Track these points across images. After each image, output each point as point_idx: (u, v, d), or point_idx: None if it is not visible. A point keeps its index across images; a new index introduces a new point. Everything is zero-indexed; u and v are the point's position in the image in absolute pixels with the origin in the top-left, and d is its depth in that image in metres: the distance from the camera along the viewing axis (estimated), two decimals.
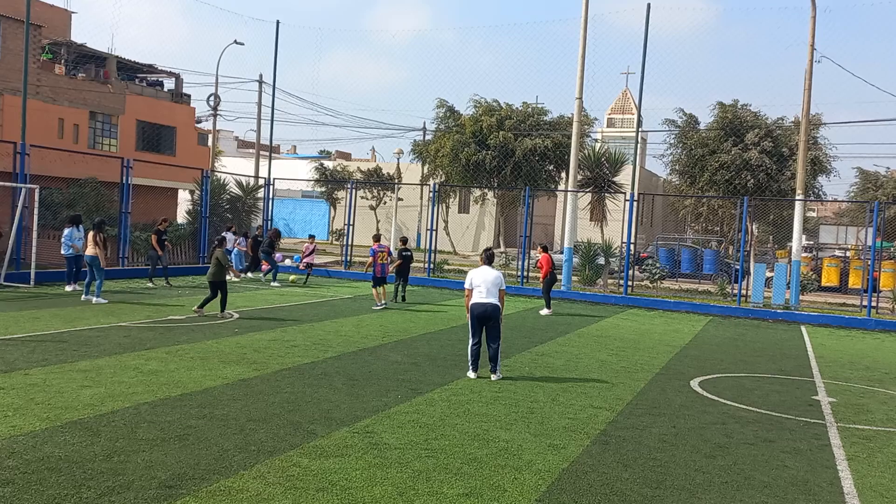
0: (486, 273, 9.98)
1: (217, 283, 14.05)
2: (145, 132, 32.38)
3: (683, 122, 35.56)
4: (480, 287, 9.88)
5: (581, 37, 23.92)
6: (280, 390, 8.46)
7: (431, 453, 6.51)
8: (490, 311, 9.83)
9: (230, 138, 70.12)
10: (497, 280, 9.94)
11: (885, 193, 45.63)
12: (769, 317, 20.31)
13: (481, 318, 9.88)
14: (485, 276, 9.94)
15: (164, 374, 8.93)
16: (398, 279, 18.95)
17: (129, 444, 6.22)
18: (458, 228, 50.39)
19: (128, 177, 20.94)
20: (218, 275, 14.01)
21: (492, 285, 9.88)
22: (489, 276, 9.94)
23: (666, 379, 10.66)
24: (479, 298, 9.86)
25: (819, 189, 35.28)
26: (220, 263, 14.05)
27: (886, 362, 13.70)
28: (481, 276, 9.94)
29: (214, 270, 14.04)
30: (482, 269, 10.07)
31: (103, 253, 15.44)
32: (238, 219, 27.59)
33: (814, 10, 22.38)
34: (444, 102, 43.41)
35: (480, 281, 9.91)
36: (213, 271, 14.06)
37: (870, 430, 8.40)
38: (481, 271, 10.04)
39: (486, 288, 9.86)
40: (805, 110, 22.95)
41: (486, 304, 9.82)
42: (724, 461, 6.88)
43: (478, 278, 9.94)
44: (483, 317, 9.86)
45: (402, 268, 18.99)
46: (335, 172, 51.18)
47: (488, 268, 10.10)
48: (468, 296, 10.03)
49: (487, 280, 9.90)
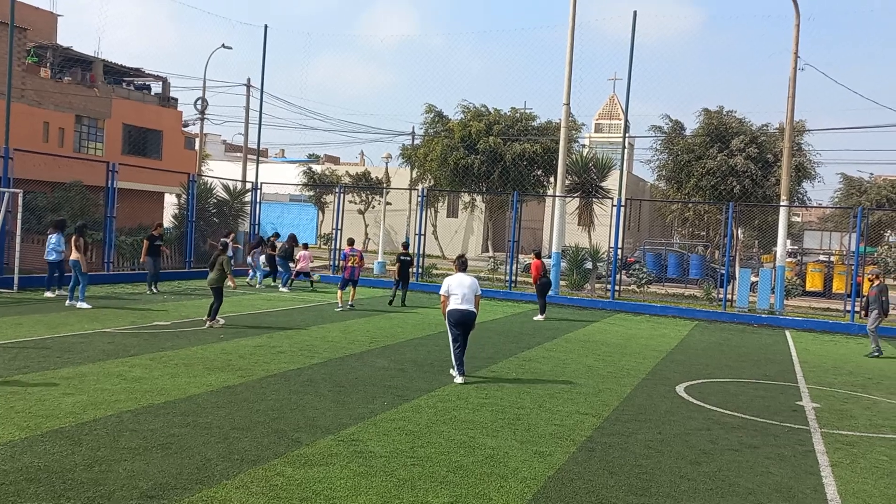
0: (464, 280, 10.22)
1: (218, 290, 13.87)
2: (132, 136, 32.20)
3: (669, 128, 35.74)
4: (458, 294, 10.08)
5: (568, 43, 24.01)
6: (265, 397, 8.41)
7: (417, 461, 6.49)
8: (469, 317, 10.08)
9: (218, 142, 69.83)
10: (474, 286, 10.23)
11: (868, 199, 46.05)
12: (754, 321, 20.42)
13: (461, 324, 10.08)
14: (462, 282, 10.17)
15: (148, 381, 8.86)
16: (398, 283, 19.36)
17: (110, 454, 6.16)
18: (446, 233, 50.39)
19: (113, 181, 20.80)
20: (219, 280, 13.81)
21: (469, 291, 10.13)
22: (467, 282, 10.19)
23: (652, 384, 10.69)
24: (457, 305, 10.06)
25: (804, 195, 35.56)
26: (223, 270, 13.83)
27: (869, 367, 13.79)
28: (459, 283, 10.16)
29: (216, 276, 13.80)
30: (459, 276, 10.32)
31: (84, 257, 15.30)
32: (225, 223, 27.46)
33: (797, 18, 22.58)
34: (432, 107, 43.47)
35: (458, 288, 10.12)
36: (214, 277, 13.81)
37: (853, 436, 8.45)
38: (458, 278, 10.28)
39: (464, 294, 10.08)
40: (789, 117, 23.12)
41: (466, 310, 10.05)
42: (709, 467, 6.90)
43: (455, 285, 10.16)
44: (463, 322, 10.07)
45: (403, 272, 19.38)
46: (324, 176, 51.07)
47: (464, 274, 10.38)
48: (444, 302, 10.24)
49: (465, 286, 10.14)
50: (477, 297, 10.23)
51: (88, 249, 15.88)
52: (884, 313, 15.34)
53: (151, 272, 18.67)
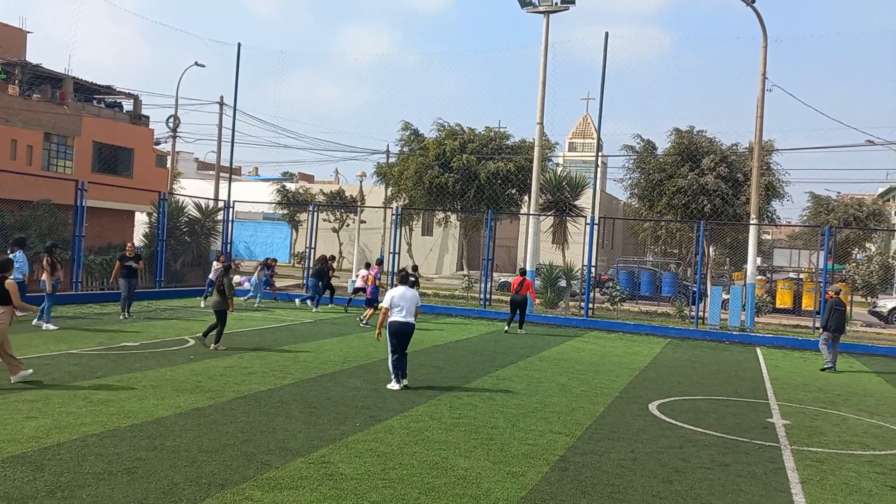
0: (406, 293, 10.75)
1: (219, 313, 13.52)
2: (102, 154, 31.84)
3: (641, 147, 36.17)
4: (401, 307, 10.63)
5: (542, 63, 24.25)
6: (235, 419, 8.28)
7: (389, 483, 6.42)
8: (409, 329, 10.67)
9: (190, 160, 69.32)
10: (415, 299, 10.83)
11: (836, 217, 46.89)
12: (725, 339, 20.61)
13: (400, 335, 10.61)
14: (405, 295, 10.72)
15: (115, 403, 8.69)
16: None
17: (74, 479, 6.02)
18: (421, 251, 50.34)
19: (82, 199, 20.51)
20: (222, 304, 13.58)
21: (411, 304, 10.72)
22: (408, 295, 10.75)
23: (625, 402, 10.72)
24: (399, 317, 10.63)
25: (773, 213, 36.08)
26: (225, 293, 13.60)
27: (838, 384, 13.96)
28: (401, 296, 10.70)
29: (220, 299, 13.57)
30: (401, 290, 10.80)
31: (51, 278, 15.01)
32: (197, 242, 27.18)
33: (765, 40, 23.03)
34: (409, 125, 43.54)
35: (401, 300, 10.67)
36: (217, 300, 13.55)
37: (823, 453, 8.52)
38: (401, 291, 10.77)
39: (406, 308, 10.64)
40: (758, 136, 23.51)
41: (407, 322, 10.65)
42: (681, 486, 6.91)
43: (398, 298, 10.70)
44: (402, 334, 10.62)
45: None
46: (297, 195, 50.85)
47: (406, 288, 10.85)
48: (385, 313, 10.75)
49: (407, 299, 10.70)
50: (417, 308, 10.83)
51: (58, 269, 15.56)
52: (833, 330, 15.62)
53: (124, 294, 17.53)
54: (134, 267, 17.68)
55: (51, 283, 15.02)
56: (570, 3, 23.75)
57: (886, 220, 52.20)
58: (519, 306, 19.11)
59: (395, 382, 10.64)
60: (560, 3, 23.78)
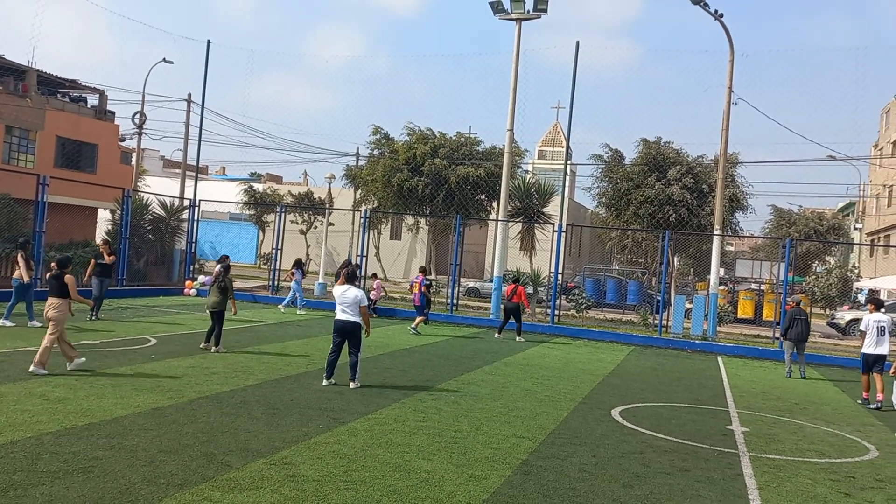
0: (347, 291, 10.75)
1: (218, 314, 13.20)
2: (65, 149, 31.26)
3: (609, 156, 36.54)
4: (343, 306, 10.70)
5: (513, 70, 24.40)
6: (195, 420, 8.17)
7: (351, 485, 6.38)
8: (349, 327, 10.69)
9: (156, 157, 68.34)
10: (356, 299, 10.73)
11: (797, 230, 47.83)
12: (688, 347, 20.88)
13: (341, 333, 10.73)
14: (346, 293, 10.72)
15: (73, 401, 8.51)
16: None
17: (27, 478, 5.88)
18: (389, 255, 50.24)
19: (43, 194, 20.09)
20: (221, 304, 13.30)
21: (352, 303, 10.68)
22: (349, 294, 10.72)
23: (588, 408, 10.79)
24: (340, 315, 10.75)
25: (736, 225, 36.67)
26: (227, 293, 13.32)
27: (796, 392, 14.23)
28: (342, 294, 10.74)
29: (219, 300, 13.22)
30: (343, 288, 10.82)
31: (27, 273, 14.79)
32: (160, 241, 26.79)
33: (732, 54, 23.45)
34: (379, 129, 43.46)
35: (340, 298, 10.75)
36: (217, 300, 13.18)
37: (780, 460, 8.67)
38: (342, 290, 10.80)
39: (345, 305, 10.69)
40: (723, 149, 23.91)
41: (346, 321, 10.69)
42: (641, 491, 6.97)
43: (338, 296, 10.78)
44: (342, 330, 10.72)
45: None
46: (265, 195, 50.41)
47: (349, 286, 10.83)
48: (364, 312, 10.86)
49: (348, 299, 10.71)
50: (362, 308, 10.74)
51: (31, 267, 15.26)
52: (796, 339, 16.24)
53: (96, 293, 16.88)
54: (107, 263, 17.26)
55: (29, 279, 14.75)
56: (543, 11, 23.94)
57: (846, 234, 53.35)
58: (512, 313, 19.44)
59: (325, 379, 10.79)
60: (532, 11, 23.96)
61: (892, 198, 46.24)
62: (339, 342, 10.80)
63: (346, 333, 10.71)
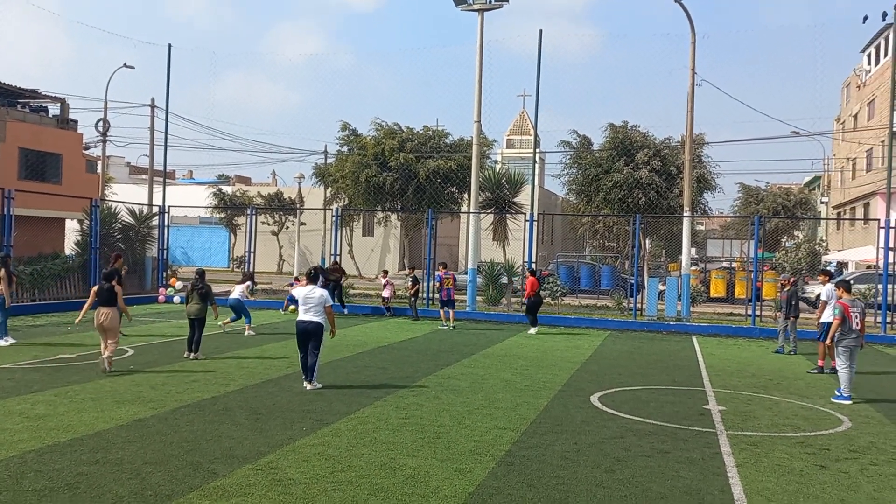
0: (311, 292, 10.74)
1: (199, 321, 13.15)
2: (29, 160, 30.71)
3: (578, 143, 36.73)
4: (307, 306, 10.66)
5: (477, 61, 24.47)
6: (178, 429, 8.17)
7: (338, 486, 6.44)
8: (311, 328, 10.63)
9: (122, 164, 67.38)
10: (321, 299, 10.71)
11: (765, 207, 48.59)
12: (663, 329, 21.19)
13: (303, 334, 10.67)
14: (310, 294, 10.71)
15: (53, 418, 8.47)
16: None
17: (13, 497, 5.86)
18: (363, 252, 50.14)
19: (9, 208, 19.80)
20: (202, 311, 13.22)
21: (317, 303, 10.65)
22: (314, 295, 10.71)
23: (567, 395, 10.95)
24: (303, 316, 10.69)
25: (705, 205, 37.10)
26: (207, 300, 13.25)
27: (770, 369, 14.54)
28: (305, 295, 10.72)
29: (200, 307, 13.16)
30: (308, 289, 10.85)
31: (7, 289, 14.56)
32: (131, 249, 26.48)
33: (693, 36, 23.72)
34: (347, 125, 43.29)
35: (304, 299, 10.71)
36: (198, 308, 13.14)
37: (756, 437, 8.89)
38: (306, 290, 10.80)
39: (309, 306, 10.65)
40: (689, 130, 24.22)
41: (309, 321, 10.65)
42: (623, 475, 7.13)
43: (302, 297, 10.76)
44: (305, 333, 10.66)
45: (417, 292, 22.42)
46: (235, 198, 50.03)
47: (314, 286, 10.85)
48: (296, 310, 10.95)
49: (313, 299, 10.67)
50: (327, 308, 10.72)
51: (14, 281, 15.03)
52: (792, 316, 16.83)
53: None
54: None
55: (8, 296, 14.52)
56: (504, 0, 24.01)
57: (813, 209, 54.29)
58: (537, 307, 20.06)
59: (306, 381, 10.74)
60: (493, 2, 24.02)
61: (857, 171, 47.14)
62: (302, 343, 10.76)
63: (309, 334, 10.63)
